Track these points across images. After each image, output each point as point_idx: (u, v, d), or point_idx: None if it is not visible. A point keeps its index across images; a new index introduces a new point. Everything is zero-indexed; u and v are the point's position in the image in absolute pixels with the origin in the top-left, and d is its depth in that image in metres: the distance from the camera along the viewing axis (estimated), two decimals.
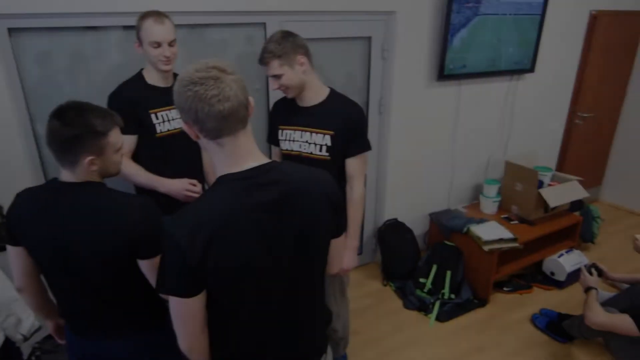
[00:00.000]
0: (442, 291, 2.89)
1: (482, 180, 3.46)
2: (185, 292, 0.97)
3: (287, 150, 1.86)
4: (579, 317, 2.34)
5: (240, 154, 0.99)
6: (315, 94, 1.76)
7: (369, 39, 2.81)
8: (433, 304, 2.82)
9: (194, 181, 1.89)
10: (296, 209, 1.01)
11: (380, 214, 3.27)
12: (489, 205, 3.28)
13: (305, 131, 1.78)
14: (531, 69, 3.38)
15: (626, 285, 2.55)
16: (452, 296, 2.87)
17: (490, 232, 2.84)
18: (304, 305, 1.13)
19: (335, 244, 1.18)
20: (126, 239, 1.20)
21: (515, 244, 2.79)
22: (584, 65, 3.76)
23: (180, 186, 1.84)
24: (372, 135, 3.00)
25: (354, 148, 1.77)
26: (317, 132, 1.75)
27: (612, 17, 3.71)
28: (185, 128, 0.98)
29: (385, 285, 3.11)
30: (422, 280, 2.96)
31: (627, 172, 4.33)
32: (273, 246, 1.00)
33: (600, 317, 2.09)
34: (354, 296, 2.95)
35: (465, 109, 3.27)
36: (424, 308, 2.82)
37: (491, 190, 3.27)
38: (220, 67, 0.93)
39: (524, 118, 3.63)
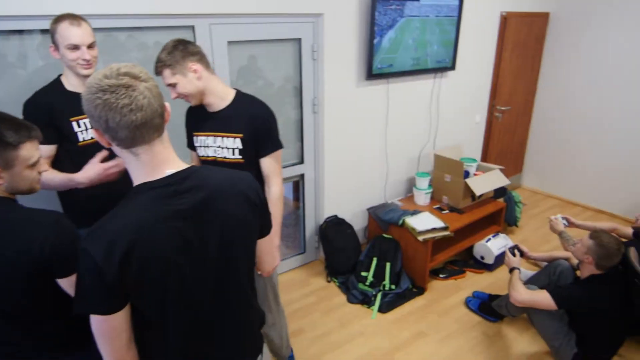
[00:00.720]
0: (383, 283, 2.99)
1: (415, 173, 3.62)
2: (106, 310, 0.92)
3: (203, 156, 1.86)
4: (506, 297, 2.53)
5: (156, 162, 0.96)
6: (220, 99, 1.75)
7: (299, 40, 2.84)
8: (375, 296, 2.91)
9: (108, 163, 1.74)
10: (216, 213, 1.00)
11: (321, 212, 3.31)
12: (421, 197, 3.44)
13: (217, 136, 1.78)
14: (452, 67, 3.58)
15: (545, 263, 2.79)
16: (393, 287, 2.98)
17: (424, 222, 2.98)
18: (234, 308, 1.12)
19: (263, 244, 1.19)
20: (37, 258, 1.11)
21: (447, 232, 2.95)
22: (499, 62, 4.05)
23: (97, 169, 1.69)
24: (307, 134, 3.06)
25: (265, 148, 1.79)
26: (227, 137, 1.76)
27: (520, 18, 4.03)
28: (95, 135, 0.93)
29: (329, 282, 3.16)
30: (363, 273, 3.05)
31: (543, 160, 4.73)
32: (195, 253, 0.99)
33: (522, 295, 2.27)
34: (297, 295, 2.98)
35: (394, 106, 3.40)
36: (366, 301, 2.90)
37: (423, 183, 3.43)
38: (133, 74, 0.89)
39: (449, 113, 3.85)
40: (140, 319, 0.99)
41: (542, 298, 2.21)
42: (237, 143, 1.76)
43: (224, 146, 1.79)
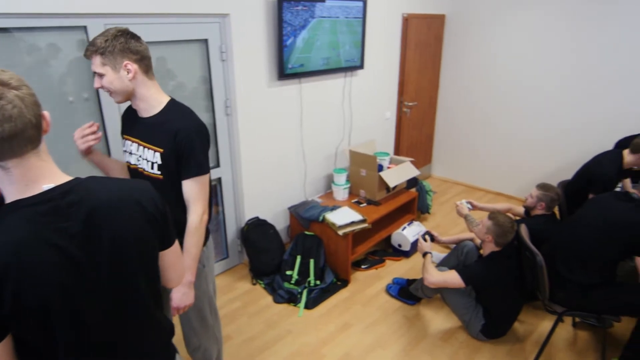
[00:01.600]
0: (308, 279, 3.03)
1: (333, 170, 3.72)
2: None
3: (127, 162, 1.69)
4: (421, 280, 2.70)
5: (31, 176, 0.87)
6: (150, 106, 1.58)
7: (205, 41, 2.77)
8: (301, 294, 2.94)
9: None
10: (105, 228, 0.93)
11: (241, 214, 3.27)
12: (340, 192, 3.54)
13: (140, 144, 1.61)
14: (361, 66, 3.73)
15: (454, 245, 3.02)
16: (318, 282, 3.03)
17: (343, 217, 3.08)
18: (136, 326, 1.04)
19: (167, 256, 1.11)
20: None
21: (365, 225, 3.07)
22: (404, 61, 4.30)
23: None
24: (222, 137, 3.00)
25: (187, 169, 1.57)
26: (148, 148, 1.59)
27: (419, 19, 4.31)
28: None
29: (254, 284, 3.13)
30: (288, 272, 3.06)
31: (449, 150, 5.11)
32: (85, 273, 0.91)
33: (435, 277, 2.44)
34: (223, 301, 2.91)
35: (308, 106, 3.46)
36: (293, 299, 2.92)
37: (340, 179, 3.53)
38: (2, 81, 0.80)
39: (361, 110, 4.00)
40: (25, 350, 0.89)
41: (452, 278, 2.40)
42: (157, 157, 1.57)
43: (144, 157, 1.60)
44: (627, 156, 2.86)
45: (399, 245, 3.46)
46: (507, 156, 4.64)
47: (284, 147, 3.39)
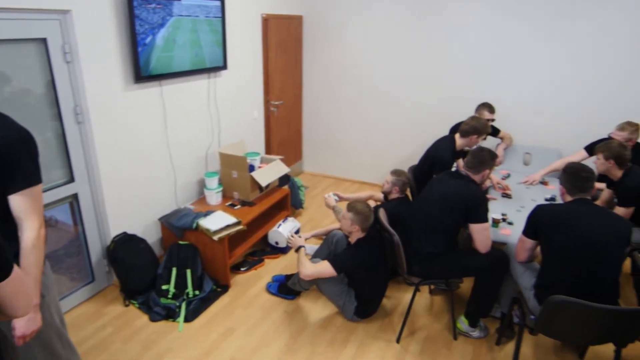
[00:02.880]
0: (186, 291, 2.94)
1: (204, 174, 3.63)
2: None
3: None
4: (297, 274, 2.83)
5: None
6: None
7: (44, 40, 2.45)
8: (179, 307, 2.84)
9: None
10: None
11: (105, 232, 3.01)
12: (213, 196, 3.49)
13: None
14: (225, 67, 3.70)
15: (325, 236, 3.21)
16: (197, 292, 2.96)
17: (217, 221, 3.04)
18: None
19: (6, 287, 1.01)
20: None
21: (241, 227, 3.09)
22: (267, 61, 4.38)
23: None
24: (74, 148, 2.71)
25: (12, 183, 1.41)
26: None
27: (279, 20, 4.43)
28: None
29: (127, 306, 2.92)
30: (164, 287, 2.93)
31: (317, 146, 5.38)
32: None
33: (309, 269, 2.58)
34: (90, 331, 2.66)
35: (172, 109, 3.32)
36: (171, 314, 2.80)
37: (212, 182, 3.48)
38: None
39: (228, 111, 3.97)
40: None
41: (324, 267, 2.57)
42: None
43: None
44: (458, 140, 3.36)
45: (276, 243, 3.55)
46: (368, 148, 5.08)
47: (149, 155, 3.20)
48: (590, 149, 3.53)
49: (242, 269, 3.32)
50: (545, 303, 2.00)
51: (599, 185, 3.21)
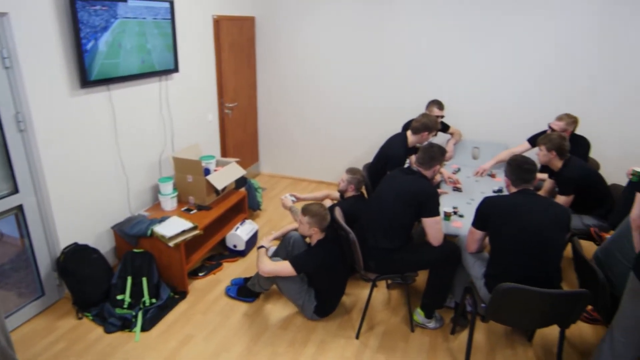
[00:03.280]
0: (143, 300, 2.86)
1: (158, 179, 3.54)
2: None
3: None
4: (256, 275, 2.83)
5: None
6: None
7: None
8: (136, 317, 2.76)
9: None
10: None
11: (55, 243, 2.88)
12: (168, 202, 3.41)
13: None
14: (176, 69, 3.63)
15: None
16: (154, 301, 2.89)
17: (172, 227, 2.99)
18: None
19: None
20: None
21: (197, 231, 3.04)
22: (220, 62, 4.33)
23: None
24: (17, 157, 2.59)
25: None
26: None
27: (230, 21, 4.39)
28: None
29: (80, 319, 2.81)
30: (119, 297, 2.84)
31: (274, 147, 5.38)
32: None
33: (267, 266, 2.60)
34: (42, 347, 2.55)
35: (122, 114, 3.22)
36: (127, 325, 2.72)
37: (167, 188, 3.40)
38: None
39: (182, 115, 3.90)
40: None
41: (284, 267, 2.59)
42: None
43: None
44: (410, 137, 3.46)
45: (235, 246, 3.53)
46: (324, 148, 5.13)
47: (99, 162, 3.09)
48: (533, 141, 3.74)
49: (200, 274, 3.27)
50: (494, 291, 2.11)
51: (541, 175, 3.41)
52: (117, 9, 2.92)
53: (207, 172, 3.49)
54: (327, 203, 3.38)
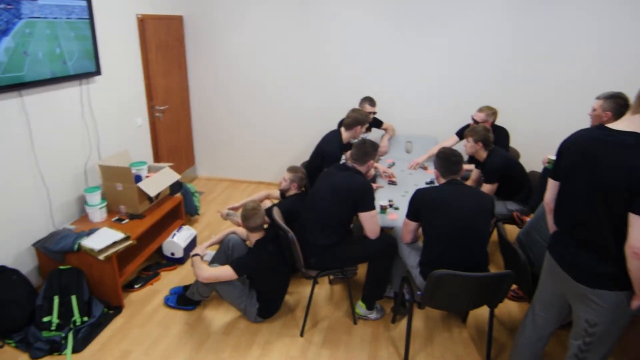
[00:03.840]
0: (73, 319, 2.68)
1: (84, 190, 3.33)
2: None
3: None
4: (195, 282, 2.75)
5: None
6: None
7: None
8: (66, 338, 2.58)
9: None
10: None
11: None
12: (96, 213, 3.22)
13: None
14: (98, 72, 3.42)
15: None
16: (85, 319, 2.72)
17: (102, 239, 2.82)
18: None
19: None
20: None
21: (130, 242, 2.90)
22: (147, 64, 4.14)
23: None
24: None
25: None
26: None
27: (156, 20, 4.21)
28: None
29: (2, 347, 2.58)
30: (46, 319, 2.64)
31: (210, 149, 5.24)
32: None
33: (206, 272, 2.54)
34: None
35: (37, 122, 2.97)
36: (56, 348, 2.54)
37: (94, 198, 3.21)
38: None
39: (107, 120, 3.69)
40: None
41: (224, 271, 2.54)
42: None
43: None
44: (344, 133, 3.52)
45: (172, 254, 3.40)
46: (262, 148, 5.09)
47: (14, 175, 2.83)
48: (460, 134, 3.95)
49: (136, 286, 3.12)
50: (428, 278, 2.20)
51: (468, 166, 3.62)
52: (22, 7, 2.65)
53: (138, 179, 3.33)
54: (267, 203, 3.36)
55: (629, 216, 1.54)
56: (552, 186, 1.94)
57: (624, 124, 1.63)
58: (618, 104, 2.55)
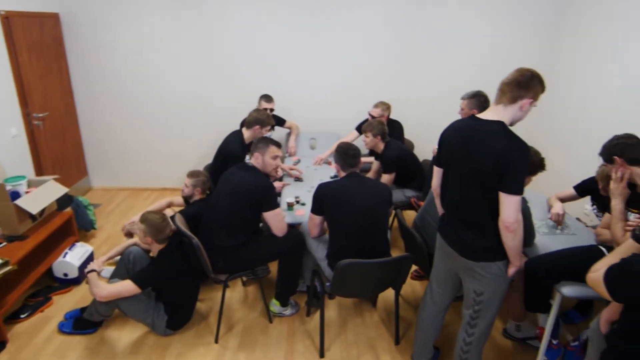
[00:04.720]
0: None
1: None
2: None
3: None
4: (93, 303, 2.54)
5: None
6: None
7: None
8: None
9: None
10: None
11: None
12: None
13: None
14: None
15: (120, 256, 2.93)
16: None
17: None
18: None
19: None
20: None
21: (8, 267, 2.57)
22: (18, 67, 3.69)
23: None
24: None
25: None
26: None
27: (26, 18, 3.77)
28: None
29: None
30: None
31: (104, 157, 4.85)
32: None
33: (104, 290, 2.36)
34: None
35: None
36: None
37: None
38: None
39: None
40: None
41: (124, 286, 2.38)
42: None
43: None
44: (245, 133, 3.49)
45: (65, 275, 3.10)
46: (160, 153, 4.84)
47: None
48: (359, 129, 4.14)
49: (22, 316, 2.78)
50: (335, 269, 2.29)
51: (367, 159, 3.81)
52: None
53: (15, 195, 2.96)
54: (169, 212, 3.21)
55: (499, 195, 1.75)
56: (437, 173, 2.14)
57: (490, 114, 1.85)
58: (480, 100, 2.99)
